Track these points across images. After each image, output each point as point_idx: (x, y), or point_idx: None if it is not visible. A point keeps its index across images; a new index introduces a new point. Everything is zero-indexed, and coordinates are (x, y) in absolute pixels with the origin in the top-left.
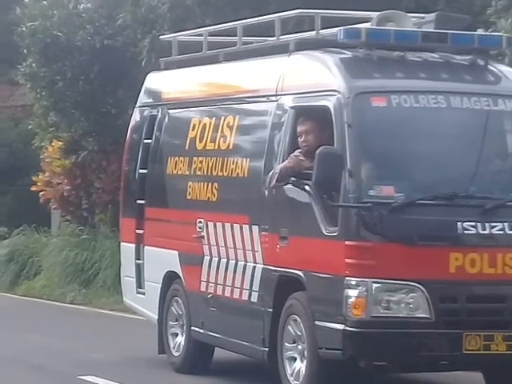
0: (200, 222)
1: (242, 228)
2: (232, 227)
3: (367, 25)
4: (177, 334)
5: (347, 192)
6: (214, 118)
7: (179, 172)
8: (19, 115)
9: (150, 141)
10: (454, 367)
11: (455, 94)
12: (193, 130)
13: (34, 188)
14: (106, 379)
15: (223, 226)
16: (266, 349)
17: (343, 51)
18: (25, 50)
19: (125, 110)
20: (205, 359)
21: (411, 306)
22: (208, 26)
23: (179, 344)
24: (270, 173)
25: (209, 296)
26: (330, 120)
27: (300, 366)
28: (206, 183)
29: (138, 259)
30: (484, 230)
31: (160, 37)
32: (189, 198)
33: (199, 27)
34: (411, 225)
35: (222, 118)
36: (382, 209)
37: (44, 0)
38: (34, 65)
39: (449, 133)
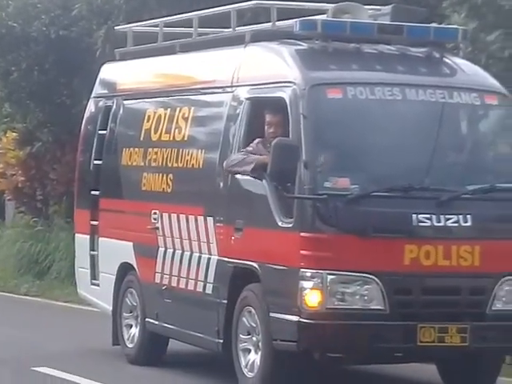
0: (155, 213)
1: (196, 219)
2: (187, 218)
3: (323, 16)
4: (131, 326)
5: (302, 183)
6: (169, 109)
7: (134, 163)
8: None
9: (104, 132)
10: (409, 359)
11: (411, 87)
12: (148, 121)
13: None
14: (60, 370)
15: (178, 218)
16: (221, 340)
17: (299, 43)
18: None
19: (80, 100)
20: (159, 351)
21: (366, 297)
22: (164, 16)
23: (133, 335)
24: (235, 156)
25: (163, 288)
26: (286, 111)
27: (254, 357)
28: (160, 174)
29: (93, 250)
30: (439, 222)
31: (115, 27)
32: (144, 189)
33: (154, 18)
34: (366, 217)
35: (177, 109)
36: (337, 201)
37: None
38: None
39: (404, 125)
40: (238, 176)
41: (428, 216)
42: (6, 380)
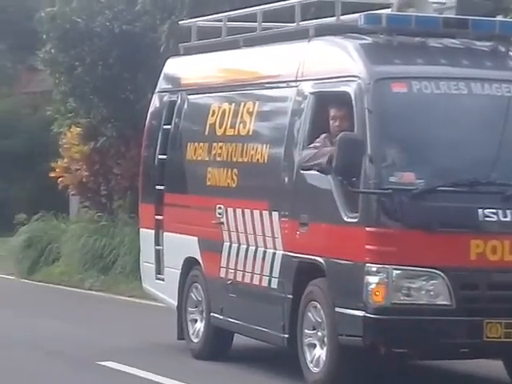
0: (219, 208)
1: (261, 214)
2: (252, 213)
3: (388, 10)
4: (196, 320)
5: (368, 178)
6: (233, 104)
7: (199, 158)
8: (38, 101)
9: (169, 126)
10: (475, 355)
11: (476, 81)
12: (212, 115)
13: (52, 174)
14: (125, 365)
15: (243, 212)
16: (286, 335)
17: (364, 37)
18: (44, 36)
19: (144, 95)
20: (224, 345)
21: (432, 292)
22: (227, 11)
23: (198, 330)
24: (306, 152)
25: (228, 282)
26: (351, 106)
27: (320, 352)
28: (225, 169)
29: (158, 245)
30: (505, 217)
31: (179, 22)
32: (208, 183)
33: (218, 12)
34: (432, 211)
35: (242, 103)
36: (402, 195)
37: None
38: (52, 50)
39: (470, 119)
40: (303, 171)
41: (494, 211)
42: (72, 374)
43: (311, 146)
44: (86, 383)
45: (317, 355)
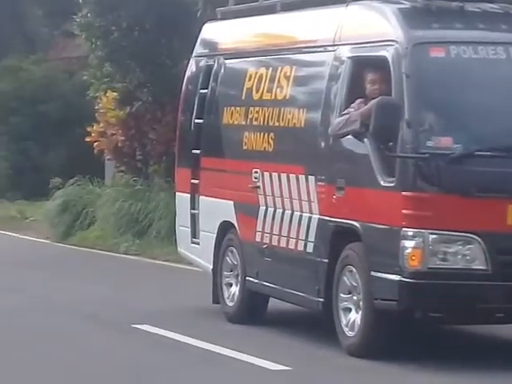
0: (256, 172)
1: (298, 178)
2: (288, 177)
3: None
4: (231, 284)
5: (405, 143)
6: (270, 69)
7: (235, 122)
8: (74, 67)
9: (205, 91)
10: (511, 320)
11: None
12: (249, 80)
13: (88, 139)
14: (160, 328)
15: (279, 177)
16: (321, 299)
17: (401, 1)
18: (80, 0)
19: (180, 60)
20: (259, 309)
21: (468, 257)
22: None
23: (233, 294)
24: (338, 119)
25: (264, 246)
26: (388, 70)
27: (355, 316)
28: (262, 133)
29: (193, 209)
30: None
31: None
32: (245, 148)
33: None
34: (469, 176)
35: (279, 68)
36: (439, 160)
37: None
38: (89, 15)
39: (507, 84)
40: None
41: None
42: (107, 337)
43: (345, 111)
44: (121, 346)
45: (352, 319)
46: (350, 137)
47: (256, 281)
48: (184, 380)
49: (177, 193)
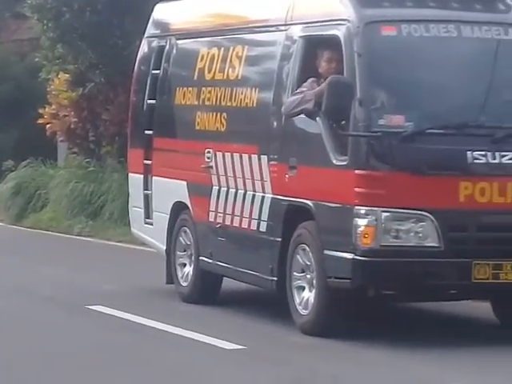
0: (208, 152)
1: (250, 158)
2: (241, 157)
3: None
4: (185, 264)
5: (357, 121)
6: (222, 49)
7: (188, 102)
8: (26, 49)
9: (158, 72)
10: (463, 296)
11: (466, 24)
12: (201, 60)
13: (40, 121)
14: (115, 309)
15: (232, 156)
16: (275, 278)
17: None
18: None
19: (132, 41)
20: (213, 289)
21: (420, 234)
22: None
23: (187, 274)
24: (291, 98)
25: (217, 226)
26: (340, 49)
27: (309, 295)
28: (214, 113)
29: (146, 190)
30: (494, 159)
31: None
32: (197, 128)
33: None
34: (421, 154)
35: (231, 48)
36: (391, 138)
37: None
38: None
39: (459, 62)
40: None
41: (483, 153)
42: (61, 318)
43: (298, 91)
44: (76, 327)
45: (305, 298)
46: (302, 116)
47: (210, 261)
48: (140, 360)
49: (129, 173)
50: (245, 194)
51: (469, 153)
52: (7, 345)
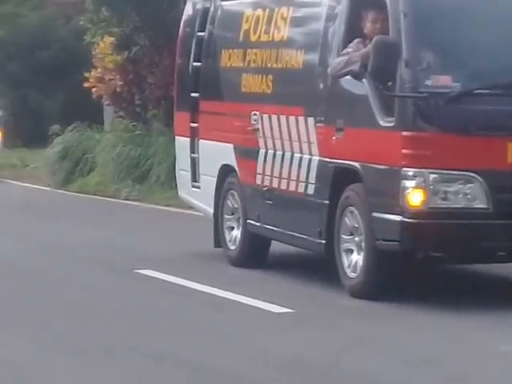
0: (255, 115)
1: (297, 120)
2: (287, 119)
3: None
4: (233, 228)
5: (403, 82)
6: (267, 10)
7: (233, 64)
8: (71, 12)
9: (203, 34)
10: None
11: None
12: (246, 21)
13: (86, 84)
14: (162, 273)
15: (278, 118)
16: (323, 241)
17: None
18: None
19: (176, 3)
20: (261, 252)
21: (469, 196)
22: None
23: (235, 237)
24: (338, 60)
25: (264, 189)
26: (385, 9)
27: (357, 257)
28: (260, 75)
29: (193, 153)
30: None
31: None
32: (243, 90)
33: None
34: (468, 115)
35: (276, 9)
36: (438, 98)
37: None
38: None
39: (506, 21)
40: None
41: None
42: (111, 282)
43: (344, 52)
44: (124, 290)
45: (354, 260)
46: (348, 77)
47: (257, 224)
48: (188, 324)
49: (176, 137)
50: (292, 157)
51: None
52: (51, 303)
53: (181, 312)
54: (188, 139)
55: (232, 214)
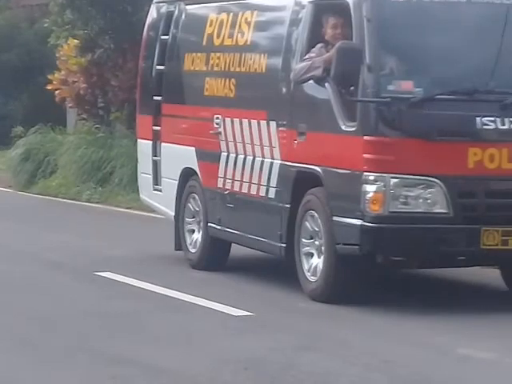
0: (217, 118)
1: (259, 124)
2: (249, 123)
3: None
4: (193, 231)
5: (366, 87)
6: (231, 14)
7: (196, 68)
8: (35, 14)
9: (166, 37)
10: (472, 263)
11: None
12: (210, 25)
13: (49, 87)
14: (123, 275)
15: (241, 122)
16: (284, 245)
17: None
18: None
19: (141, 7)
20: (221, 255)
21: (429, 201)
22: None
23: (196, 241)
24: (300, 65)
25: (226, 192)
26: (349, 14)
27: (317, 261)
28: (223, 79)
29: (155, 156)
30: (503, 125)
31: None
32: (206, 94)
33: None
34: (430, 120)
35: (240, 13)
36: (400, 104)
37: None
38: None
39: (469, 27)
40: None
41: (492, 119)
42: (69, 284)
43: (306, 57)
44: (83, 293)
45: (314, 264)
46: (311, 82)
47: (218, 227)
48: (147, 326)
49: (138, 140)
50: (253, 160)
51: (478, 119)
52: (11, 308)
53: (140, 315)
54: (150, 142)
55: (193, 217)
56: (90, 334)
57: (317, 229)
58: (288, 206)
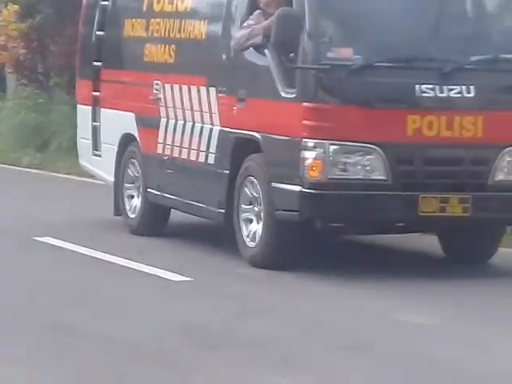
0: (157, 84)
1: (199, 90)
2: (189, 89)
3: None
4: (133, 196)
5: (305, 54)
6: None
7: (136, 34)
8: None
9: (106, 3)
10: (410, 229)
11: None
12: None
13: None
14: (62, 240)
15: (180, 88)
16: (223, 210)
17: None
18: None
19: None
20: (161, 221)
21: (368, 167)
22: None
23: (135, 206)
24: (240, 33)
25: (165, 158)
26: None
27: (256, 227)
28: (163, 45)
29: (95, 121)
30: (442, 92)
31: None
32: (146, 59)
33: None
34: (369, 87)
35: None
36: (340, 71)
37: None
38: None
39: None
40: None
41: (431, 87)
42: (9, 249)
43: (245, 24)
44: (24, 258)
45: (253, 230)
46: (251, 49)
47: (157, 193)
48: (87, 293)
49: (78, 105)
50: (193, 126)
51: (417, 86)
52: None
53: (79, 280)
54: (90, 108)
55: (132, 183)
56: (35, 303)
57: (256, 195)
58: (227, 172)
